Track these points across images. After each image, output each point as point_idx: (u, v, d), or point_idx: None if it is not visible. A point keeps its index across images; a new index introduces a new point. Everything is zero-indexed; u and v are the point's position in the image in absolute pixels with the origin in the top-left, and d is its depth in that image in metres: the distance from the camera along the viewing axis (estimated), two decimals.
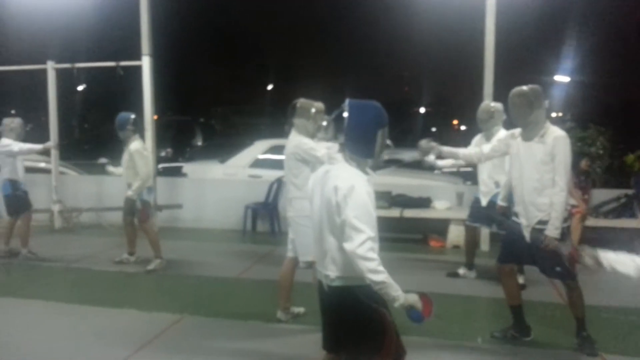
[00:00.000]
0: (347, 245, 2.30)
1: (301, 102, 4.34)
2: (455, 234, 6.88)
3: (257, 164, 9.08)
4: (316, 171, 2.68)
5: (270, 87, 35.49)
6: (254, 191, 8.16)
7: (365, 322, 2.44)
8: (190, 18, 23.31)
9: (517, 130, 3.90)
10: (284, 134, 4.59)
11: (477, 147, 5.03)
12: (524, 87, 3.79)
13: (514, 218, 3.99)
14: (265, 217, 8.06)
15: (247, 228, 7.99)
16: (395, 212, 6.83)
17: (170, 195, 8.19)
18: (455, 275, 5.71)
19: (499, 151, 4.16)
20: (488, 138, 5.19)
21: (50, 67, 8.28)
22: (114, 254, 6.46)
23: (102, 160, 6.50)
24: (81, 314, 4.71)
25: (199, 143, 20.19)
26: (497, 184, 5.24)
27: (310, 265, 5.36)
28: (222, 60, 33.78)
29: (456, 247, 6.87)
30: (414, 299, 2.39)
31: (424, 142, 4.47)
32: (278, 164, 8.56)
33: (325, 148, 4.16)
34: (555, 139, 3.64)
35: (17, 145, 6.25)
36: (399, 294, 2.33)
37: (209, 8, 26.95)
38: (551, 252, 3.65)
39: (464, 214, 6.74)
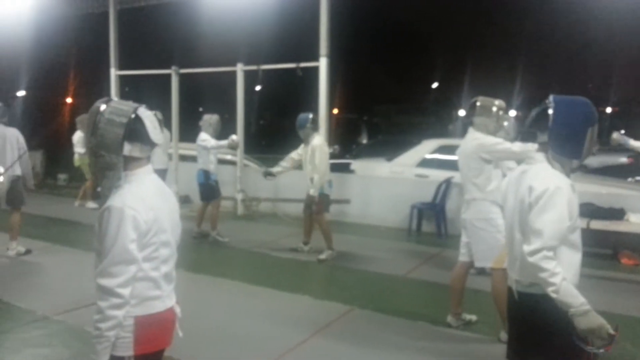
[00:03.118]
0: (524, 248, 2.20)
1: (482, 99, 4.17)
2: None
3: (425, 163, 8.95)
4: (513, 171, 2.54)
5: (434, 85, 34.84)
6: (421, 191, 8.08)
7: (559, 336, 2.23)
8: (357, 17, 23.89)
9: None
10: (448, 133, 4.44)
11: None
12: None
13: None
14: (431, 218, 7.93)
15: (413, 228, 7.94)
16: (581, 223, 6.18)
17: (339, 191, 8.46)
18: None
19: None
20: None
21: (239, 68, 9.15)
22: (289, 242, 6.93)
23: (267, 170, 6.73)
24: (260, 295, 5.13)
25: (364, 141, 20.65)
26: None
27: (482, 271, 5.14)
28: (387, 58, 34.06)
29: None
30: (597, 323, 2.11)
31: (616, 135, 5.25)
32: (446, 164, 8.38)
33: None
34: None
35: (211, 142, 6.99)
36: (574, 309, 2.11)
37: (375, 6, 27.33)
38: None
39: None
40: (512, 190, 2.43)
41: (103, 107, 2.05)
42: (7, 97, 14.13)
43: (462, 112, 26.94)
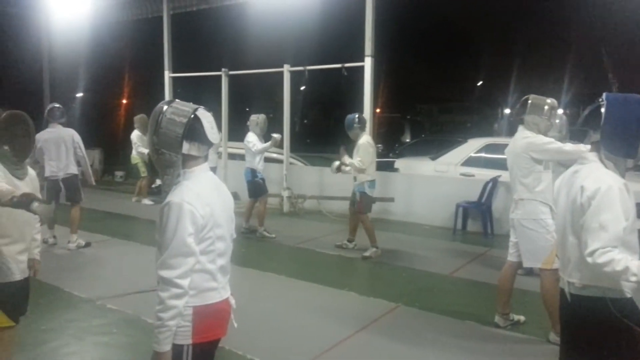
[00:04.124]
0: (584, 252, 2.16)
1: (533, 97, 4.09)
2: None
3: (470, 162, 8.87)
4: (564, 172, 2.52)
5: (479, 83, 34.18)
6: (466, 189, 8.01)
7: (615, 340, 2.21)
8: (401, 16, 23.70)
9: None
10: (493, 132, 4.39)
11: None
12: None
13: None
14: (477, 217, 7.85)
15: (457, 227, 7.88)
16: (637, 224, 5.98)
17: (383, 189, 8.51)
18: None
19: None
20: None
21: (286, 69, 9.32)
22: (334, 239, 7.04)
23: (338, 166, 6.59)
24: (306, 290, 5.24)
25: (408, 139, 20.54)
26: None
27: (530, 272, 5.08)
28: (431, 57, 33.64)
29: None
30: None
31: None
32: (492, 163, 8.29)
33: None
34: None
35: (257, 146, 7.19)
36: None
37: (419, 5, 27.02)
38: None
39: None
40: (564, 190, 2.40)
41: (165, 107, 2.15)
42: (67, 99, 14.86)
43: (507, 111, 26.32)
